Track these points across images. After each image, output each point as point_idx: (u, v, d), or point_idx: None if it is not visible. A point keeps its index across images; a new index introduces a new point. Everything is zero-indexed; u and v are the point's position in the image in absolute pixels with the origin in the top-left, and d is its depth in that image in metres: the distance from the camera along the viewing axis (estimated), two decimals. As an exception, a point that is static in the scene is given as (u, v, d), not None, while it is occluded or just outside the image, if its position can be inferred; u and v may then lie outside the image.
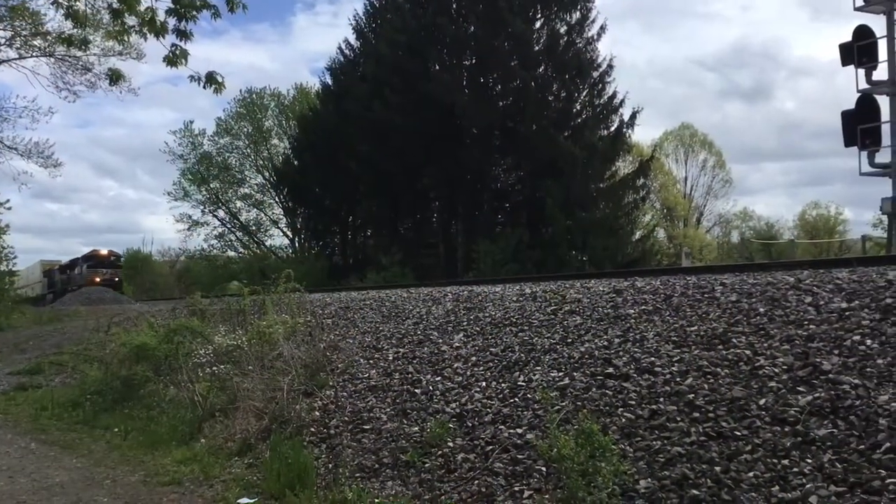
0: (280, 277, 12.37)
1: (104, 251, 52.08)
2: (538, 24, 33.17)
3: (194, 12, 7.13)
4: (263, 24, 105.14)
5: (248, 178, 56.01)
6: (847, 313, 6.31)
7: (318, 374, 9.63)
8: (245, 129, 55.09)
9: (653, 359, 6.74)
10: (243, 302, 12.63)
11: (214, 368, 11.24)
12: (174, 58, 7.29)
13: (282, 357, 9.94)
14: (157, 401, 11.39)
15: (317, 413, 8.55)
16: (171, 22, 7.17)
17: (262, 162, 54.94)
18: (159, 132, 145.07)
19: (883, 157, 18.54)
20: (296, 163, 44.00)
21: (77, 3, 7.75)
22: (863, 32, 18.57)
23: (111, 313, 23.72)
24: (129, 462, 8.87)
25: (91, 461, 9.12)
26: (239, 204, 55.84)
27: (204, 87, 7.40)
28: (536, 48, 32.44)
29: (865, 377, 5.34)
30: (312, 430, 8.18)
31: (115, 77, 10.95)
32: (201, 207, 55.50)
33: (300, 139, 43.81)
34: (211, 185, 55.34)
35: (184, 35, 7.24)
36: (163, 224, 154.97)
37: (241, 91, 55.84)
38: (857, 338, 5.85)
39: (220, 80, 7.59)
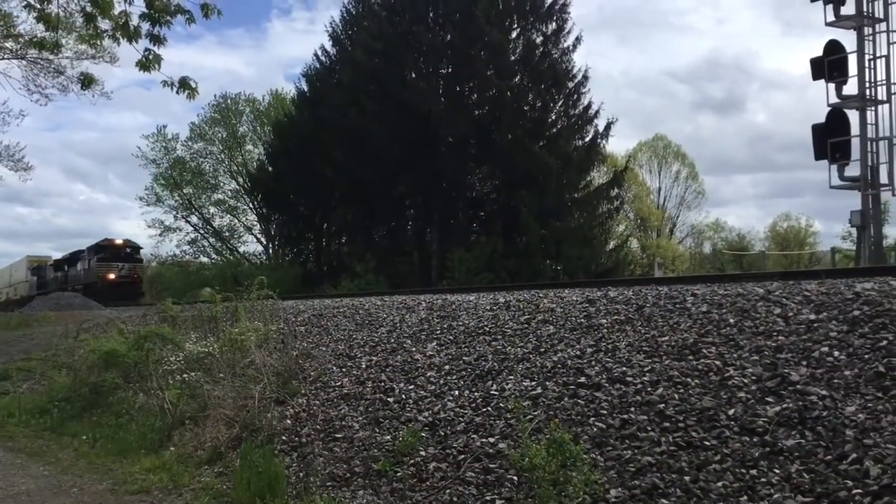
0: (253, 284, 12.28)
1: (119, 240, 43.49)
2: (514, 35, 33.38)
3: (168, 17, 7.09)
4: (238, 29, 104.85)
5: (221, 184, 55.81)
6: (815, 325, 6.40)
7: (290, 382, 9.58)
8: (219, 135, 54.89)
9: (624, 369, 6.79)
10: (215, 309, 12.50)
11: (185, 376, 11.12)
12: (147, 63, 7.23)
13: (254, 365, 9.86)
14: (127, 408, 11.26)
15: (288, 421, 8.50)
16: (145, 27, 7.13)
17: (236, 168, 54.70)
18: (132, 136, 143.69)
19: (852, 170, 18.82)
20: (270, 169, 43.80)
21: (49, 5, 7.67)
22: (833, 47, 18.86)
23: (80, 319, 23.41)
24: (96, 470, 8.76)
25: (58, 469, 9.00)
26: (212, 210, 55.61)
27: (177, 93, 7.35)
28: (512, 58, 32.63)
29: (833, 388, 5.41)
30: (284, 438, 8.13)
31: (86, 82, 10.87)
32: (174, 213, 55.16)
33: (275, 145, 43.64)
34: (184, 191, 55.01)
35: (157, 40, 7.19)
36: (135, 229, 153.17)
37: (215, 96, 55.76)
38: (824, 349, 5.93)
39: (193, 85, 7.53)
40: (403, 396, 8.03)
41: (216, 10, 7.14)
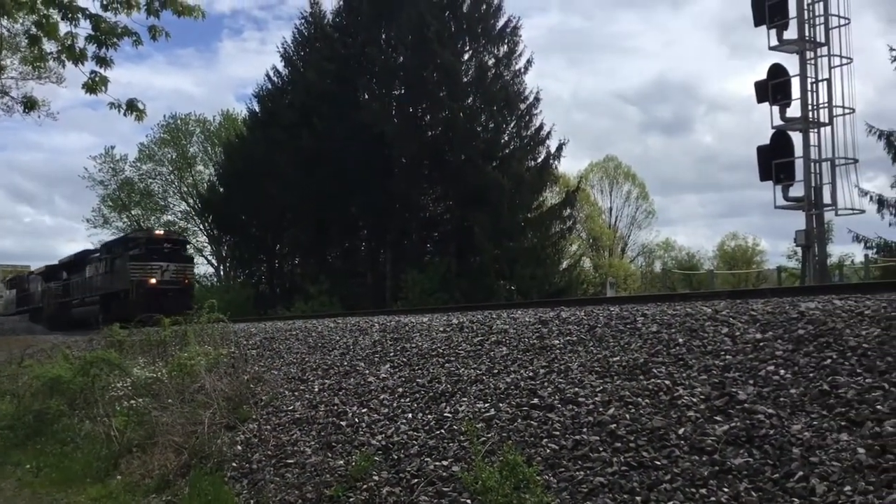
0: (203, 307, 12.13)
1: (160, 230, 34.52)
2: (466, 57, 33.62)
3: (115, 39, 7.00)
4: (189, 49, 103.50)
5: (171, 205, 55.04)
6: (762, 344, 6.51)
7: (240, 407, 9.44)
8: (169, 155, 54.16)
9: (577, 389, 6.82)
10: (164, 333, 12.32)
11: (132, 402, 10.92)
12: (93, 85, 7.12)
13: (203, 390, 9.72)
14: (72, 436, 11.01)
15: (239, 447, 8.37)
16: (91, 49, 7.03)
17: (186, 189, 54.00)
18: (79, 157, 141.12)
19: (796, 191, 19.25)
20: (221, 190, 43.29)
21: (-7, 26, 7.54)
22: (777, 71, 19.33)
23: (24, 344, 22.82)
24: (40, 500, 8.54)
25: (1, 499, 8.73)
26: (161, 232, 54.59)
27: (125, 115, 7.27)
28: (465, 80, 32.83)
29: (779, 406, 5.50)
30: (234, 464, 8.00)
31: (29, 105, 10.68)
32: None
33: (226, 166, 43.16)
34: (132, 212, 54.14)
35: (104, 62, 7.09)
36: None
37: (165, 116, 55.04)
38: (771, 368, 6.04)
39: (141, 107, 7.44)
40: (356, 420, 7.97)
41: (164, 31, 7.07)
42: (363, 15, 34.84)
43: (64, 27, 7.23)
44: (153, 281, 27.94)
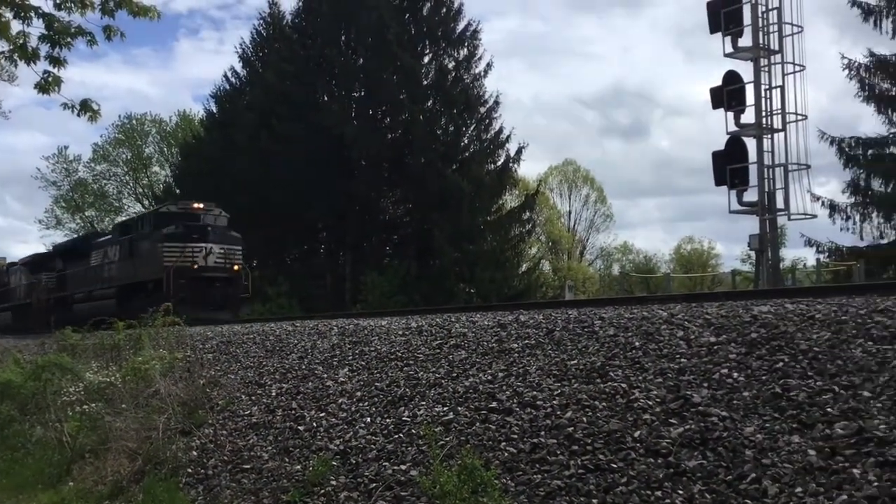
0: (158, 310, 11.97)
1: (198, 203, 24.40)
2: (427, 60, 33.69)
3: (69, 39, 6.88)
4: (145, 48, 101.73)
5: (126, 207, 54.13)
6: (716, 347, 6.61)
7: (196, 412, 9.34)
8: (124, 156, 53.42)
9: (535, 393, 6.86)
10: (118, 336, 12.13)
11: (85, 407, 10.72)
12: (46, 85, 6.99)
13: (158, 394, 9.59)
14: (23, 441, 10.81)
15: (194, 453, 8.27)
16: (44, 48, 6.90)
17: (141, 190, 53.22)
18: (31, 157, 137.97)
19: (750, 195, 19.60)
20: (178, 191, 42.69)
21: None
22: (732, 78, 19.68)
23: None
24: (-12, 509, 8.34)
25: (-54, 509, 8.53)
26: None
27: (78, 115, 7.13)
28: (425, 82, 32.89)
29: (732, 409, 5.59)
30: (189, 470, 7.91)
31: (-21, 104, 10.41)
32: (75, 236, 53.17)
33: (182, 167, 42.64)
34: (86, 214, 53.28)
35: (57, 62, 6.96)
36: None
37: (120, 116, 54.21)
38: (724, 371, 6.13)
39: (95, 107, 7.31)
40: (314, 424, 7.92)
41: (119, 31, 6.97)
42: (322, 16, 34.68)
43: (16, 26, 7.09)
44: (196, 266, 21.52)
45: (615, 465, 5.44)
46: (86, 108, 7.41)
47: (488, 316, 10.29)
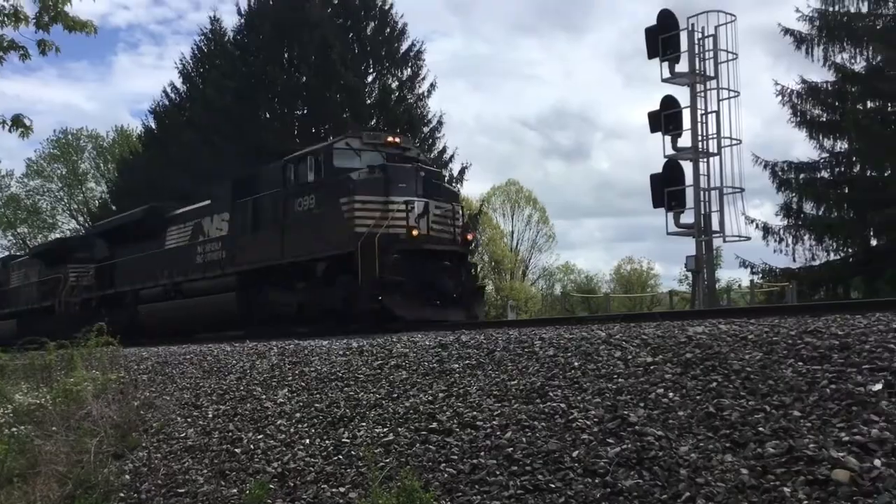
0: (91, 330, 11.65)
1: (394, 137, 15.61)
2: (370, 79, 33.72)
3: (1, 53, 6.71)
4: (82, 62, 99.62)
5: (60, 223, 52.94)
6: (652, 367, 6.71)
7: (129, 435, 9.10)
8: (58, 171, 52.25)
9: (475, 413, 6.87)
10: (48, 357, 11.77)
11: (13, 429, 10.35)
12: (-24, 98, 6.82)
13: (90, 417, 9.32)
14: (-55, 467, 10.33)
15: (127, 477, 8.06)
16: (-26, 62, 6.72)
17: (76, 206, 52.13)
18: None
19: (687, 217, 19.98)
20: (114, 208, 41.79)
21: None
22: (669, 102, 20.10)
23: None
24: None
25: None
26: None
27: (10, 131, 6.95)
28: (368, 101, 32.90)
29: (668, 429, 5.68)
30: (122, 495, 7.70)
31: None
32: (7, 253, 51.60)
33: (119, 183, 41.79)
34: (18, 230, 51.82)
35: (-12, 75, 6.80)
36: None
37: (54, 131, 53.12)
38: (660, 391, 6.22)
39: (28, 122, 7.15)
40: (252, 447, 7.79)
41: (54, 45, 6.82)
42: (265, 34, 34.46)
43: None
44: (416, 235, 13.69)
45: (553, 486, 5.47)
46: (18, 123, 7.23)
47: (429, 335, 10.28)
